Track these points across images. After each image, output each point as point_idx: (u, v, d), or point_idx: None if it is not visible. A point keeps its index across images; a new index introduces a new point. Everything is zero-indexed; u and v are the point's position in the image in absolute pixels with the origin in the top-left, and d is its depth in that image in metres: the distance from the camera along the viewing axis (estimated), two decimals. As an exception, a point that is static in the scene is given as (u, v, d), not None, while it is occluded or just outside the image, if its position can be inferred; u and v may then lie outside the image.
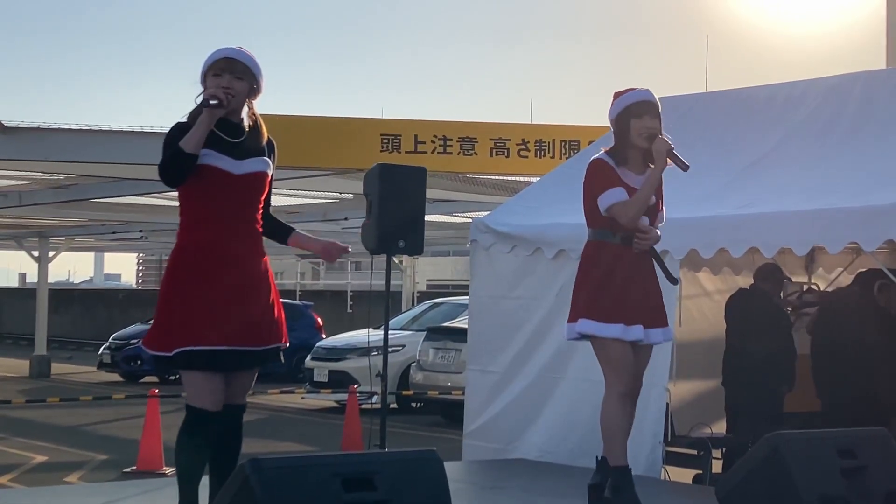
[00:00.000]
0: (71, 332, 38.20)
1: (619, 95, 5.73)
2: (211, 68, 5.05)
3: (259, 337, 5.02)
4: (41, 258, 25.93)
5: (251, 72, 5.09)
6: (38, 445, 12.94)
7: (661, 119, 5.71)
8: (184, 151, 4.87)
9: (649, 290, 5.66)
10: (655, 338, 5.65)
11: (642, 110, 5.63)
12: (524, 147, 15.19)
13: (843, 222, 6.77)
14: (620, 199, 5.53)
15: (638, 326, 5.54)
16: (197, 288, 4.94)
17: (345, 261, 43.55)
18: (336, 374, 17.06)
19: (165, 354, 4.95)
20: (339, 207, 20.43)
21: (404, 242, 8.47)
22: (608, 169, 5.60)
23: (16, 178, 17.49)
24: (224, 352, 4.92)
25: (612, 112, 5.71)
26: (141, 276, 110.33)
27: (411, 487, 4.30)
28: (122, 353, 22.99)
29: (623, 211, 5.52)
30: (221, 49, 5.13)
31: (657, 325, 5.65)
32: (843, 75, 8.37)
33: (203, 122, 4.91)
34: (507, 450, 8.41)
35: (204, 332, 4.90)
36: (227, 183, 4.98)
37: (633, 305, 5.56)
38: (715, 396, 8.63)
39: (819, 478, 5.14)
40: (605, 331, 5.52)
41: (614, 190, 5.54)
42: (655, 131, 5.61)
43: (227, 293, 4.94)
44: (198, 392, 4.97)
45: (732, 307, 8.27)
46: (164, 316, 5.00)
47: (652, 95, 5.73)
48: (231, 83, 5.01)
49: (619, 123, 5.66)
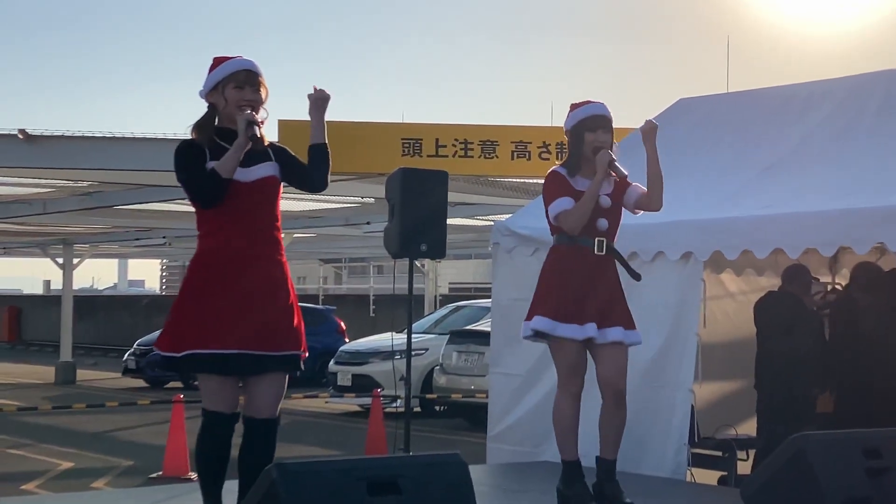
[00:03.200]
0: (95, 339, 38.42)
1: (575, 108, 5.99)
2: (230, 79, 5.07)
3: (274, 342, 5.02)
4: (65, 265, 26.07)
5: (264, 83, 5.14)
6: (64, 452, 13.01)
7: (613, 133, 5.94)
8: (220, 176, 4.93)
9: (609, 291, 5.85)
10: (613, 336, 5.78)
11: (596, 124, 5.90)
12: (545, 149, 15.17)
13: (869, 222, 6.74)
14: (566, 208, 5.82)
15: (591, 325, 5.74)
16: (211, 292, 4.97)
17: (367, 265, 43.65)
18: (360, 377, 17.09)
19: (174, 355, 4.99)
20: (361, 212, 20.45)
21: (426, 246, 8.48)
22: (559, 179, 5.90)
23: (40, 185, 17.58)
24: (235, 355, 4.93)
25: (567, 123, 6.00)
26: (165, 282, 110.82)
27: (436, 491, 4.31)
28: (147, 358, 23.04)
29: (566, 218, 5.82)
30: (237, 59, 5.13)
31: (614, 324, 5.80)
32: (864, 74, 8.34)
33: (240, 146, 4.96)
34: (531, 453, 8.40)
35: (213, 335, 4.92)
36: (238, 191, 5.00)
37: (588, 305, 5.76)
38: (739, 397, 8.61)
39: (844, 479, 5.12)
40: (558, 330, 5.76)
41: (560, 200, 5.84)
42: (605, 145, 5.85)
43: (241, 298, 4.96)
44: (212, 395, 5.01)
45: (761, 310, 8.24)
46: (176, 319, 5.04)
47: (606, 109, 5.96)
48: (254, 97, 5.07)
49: (573, 135, 5.96)
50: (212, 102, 5.13)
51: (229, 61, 5.12)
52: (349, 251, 33.93)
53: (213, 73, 5.12)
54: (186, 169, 5.02)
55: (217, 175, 4.93)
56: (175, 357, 4.99)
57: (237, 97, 5.05)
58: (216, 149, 5.02)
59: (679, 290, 7.68)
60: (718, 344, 8.41)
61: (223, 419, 5.00)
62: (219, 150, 5.01)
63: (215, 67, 5.14)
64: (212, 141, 5.06)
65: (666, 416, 7.64)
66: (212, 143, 5.06)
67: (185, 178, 5.03)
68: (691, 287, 7.65)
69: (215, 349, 4.92)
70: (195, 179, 4.99)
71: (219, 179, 4.93)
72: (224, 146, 5.01)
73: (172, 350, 5.00)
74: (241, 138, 4.96)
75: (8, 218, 20.48)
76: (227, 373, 4.98)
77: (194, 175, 4.99)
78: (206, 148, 5.04)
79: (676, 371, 7.64)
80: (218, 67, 5.12)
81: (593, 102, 5.97)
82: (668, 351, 7.69)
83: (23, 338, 43.33)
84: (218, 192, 4.95)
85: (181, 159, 5.04)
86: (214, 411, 5.01)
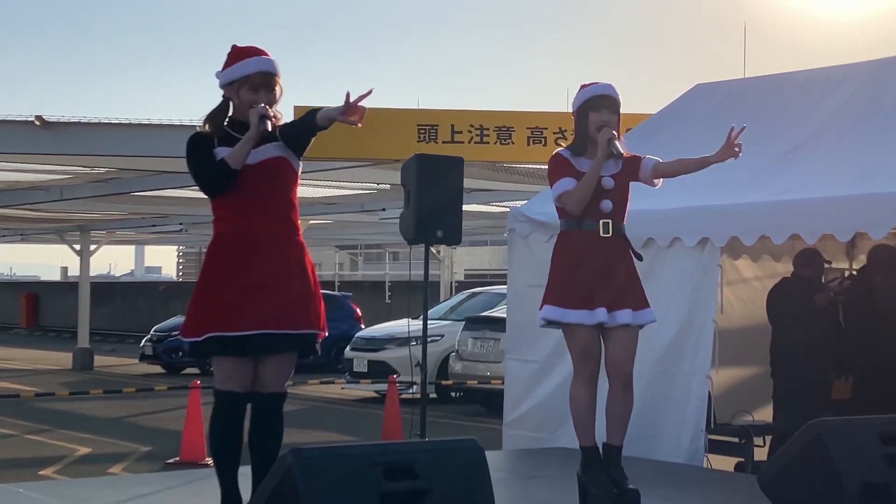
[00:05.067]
0: (112, 325, 38.56)
1: (582, 88, 5.91)
2: (246, 81, 5.09)
3: (291, 321, 5.05)
4: (83, 252, 26.15)
5: (279, 82, 5.16)
6: (81, 437, 13.07)
7: (620, 115, 5.86)
8: (230, 167, 4.99)
9: (618, 273, 5.76)
10: (623, 319, 5.71)
11: (600, 104, 5.81)
12: (561, 135, 15.11)
13: (886, 207, 6.71)
14: (567, 189, 5.74)
15: (601, 310, 5.66)
16: (228, 275, 5.01)
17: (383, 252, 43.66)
18: (375, 364, 17.11)
19: (197, 340, 5.03)
20: (376, 198, 20.46)
21: (442, 232, 8.48)
22: (562, 161, 5.82)
23: (57, 172, 17.64)
24: (255, 336, 4.97)
25: (574, 104, 5.91)
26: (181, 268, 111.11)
27: (452, 476, 4.31)
28: (164, 344, 23.16)
29: (566, 199, 5.74)
30: (254, 60, 5.13)
31: (625, 306, 5.72)
32: (882, 59, 8.28)
33: (251, 139, 5.00)
34: (547, 439, 8.40)
35: (234, 317, 4.96)
36: (246, 173, 5.03)
37: (597, 289, 5.68)
38: (756, 383, 8.58)
39: (862, 465, 5.11)
40: (568, 316, 5.69)
41: (564, 180, 5.76)
42: (610, 125, 5.77)
43: (258, 279, 5.00)
44: (226, 375, 5.05)
45: (775, 297, 8.21)
46: (196, 304, 5.09)
47: (612, 90, 5.87)
48: (268, 99, 5.09)
49: (578, 115, 5.87)
50: (227, 96, 5.19)
51: (248, 61, 5.12)
52: (365, 237, 33.94)
53: (230, 69, 5.14)
54: (195, 159, 5.10)
55: (227, 166, 4.99)
56: (198, 342, 5.03)
57: (251, 99, 5.10)
58: (227, 139, 5.07)
59: (696, 277, 7.66)
60: (735, 330, 8.38)
61: (237, 398, 5.05)
62: (230, 140, 5.07)
63: (234, 59, 5.15)
64: (223, 131, 5.12)
65: (682, 403, 7.63)
66: (223, 133, 5.11)
67: (195, 168, 5.12)
68: (708, 273, 7.62)
69: (234, 332, 4.95)
70: (203, 170, 5.07)
71: (228, 170, 5.00)
72: (235, 136, 5.06)
73: (195, 336, 5.05)
74: (253, 130, 5.01)
75: (25, 204, 20.56)
76: (246, 353, 5.01)
77: (203, 165, 5.07)
78: (217, 138, 5.10)
79: (693, 357, 7.62)
80: (236, 65, 5.13)
81: (600, 83, 5.90)
82: (685, 337, 7.67)
83: (40, 324, 43.52)
84: (226, 182, 5.02)
85: (191, 150, 5.13)
86: (228, 391, 5.04)
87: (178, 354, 22.71)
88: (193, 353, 5.15)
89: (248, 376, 5.07)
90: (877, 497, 5.06)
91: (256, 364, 5.09)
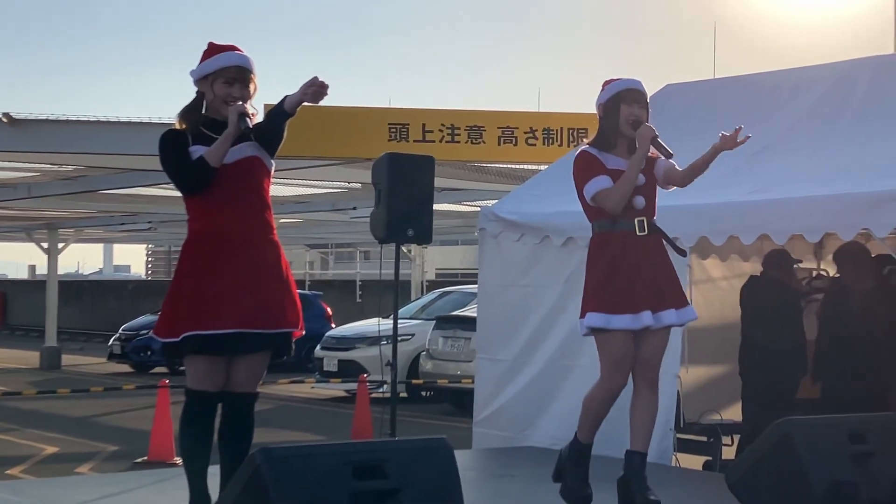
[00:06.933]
0: (81, 324, 38.29)
1: (609, 82, 5.75)
2: (221, 74, 5.07)
3: (268, 320, 5.04)
4: (50, 250, 25.97)
5: (254, 79, 5.14)
6: (48, 437, 12.98)
7: (649, 110, 5.73)
8: (209, 165, 4.96)
9: (658, 272, 5.59)
10: (668, 319, 5.55)
11: (632, 98, 5.66)
12: (532, 135, 15.15)
13: (855, 208, 6.74)
14: (604, 187, 5.53)
15: (646, 313, 5.47)
16: (204, 275, 4.99)
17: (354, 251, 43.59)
18: (346, 363, 17.08)
19: (173, 340, 4.98)
20: (347, 197, 20.42)
21: (413, 231, 8.47)
22: (591, 159, 5.61)
23: (25, 169, 17.50)
24: (232, 335, 4.95)
25: (602, 97, 5.71)
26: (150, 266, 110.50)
27: (421, 475, 4.31)
28: (132, 343, 23.03)
29: (606, 196, 5.52)
30: (228, 54, 5.12)
31: (669, 306, 5.56)
32: (851, 60, 8.34)
33: (230, 136, 4.97)
34: (517, 438, 8.41)
35: (211, 316, 4.93)
36: (221, 172, 5.00)
37: (640, 292, 5.49)
38: (724, 382, 8.63)
39: (829, 464, 5.13)
40: (613, 322, 5.45)
41: (598, 178, 5.55)
42: (642, 119, 5.63)
43: (234, 278, 4.98)
44: (201, 375, 5.01)
45: (746, 296, 8.25)
46: (172, 303, 5.05)
47: (642, 85, 5.75)
48: (243, 94, 5.07)
49: (607, 109, 5.68)
50: (200, 91, 5.15)
51: (223, 55, 5.11)
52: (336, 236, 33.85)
53: (205, 63, 5.12)
54: (171, 157, 5.05)
55: (206, 163, 4.96)
56: (174, 342, 4.99)
57: (224, 93, 5.07)
58: (200, 136, 5.03)
59: (665, 276, 7.66)
60: (703, 329, 8.41)
61: (209, 398, 5.02)
62: (202, 138, 5.02)
63: (210, 55, 5.13)
64: (196, 128, 5.07)
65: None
66: (196, 130, 5.07)
67: (171, 166, 5.06)
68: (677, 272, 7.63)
69: (211, 330, 4.92)
70: (180, 167, 5.02)
71: (207, 168, 4.96)
72: (208, 134, 5.02)
73: (171, 336, 5.01)
74: (232, 128, 4.98)
75: (-8, 202, 20.40)
76: (222, 353, 4.99)
77: (179, 163, 5.02)
78: (190, 135, 5.05)
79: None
80: (211, 58, 5.11)
81: (628, 78, 5.72)
82: (654, 336, 7.68)
83: (8, 322, 43.17)
84: (205, 180, 4.98)
85: (165, 148, 5.07)
86: (201, 390, 5.00)
87: (146, 353, 22.58)
88: (168, 352, 5.09)
89: (222, 376, 5.04)
90: (844, 496, 5.09)
91: (229, 364, 5.07)
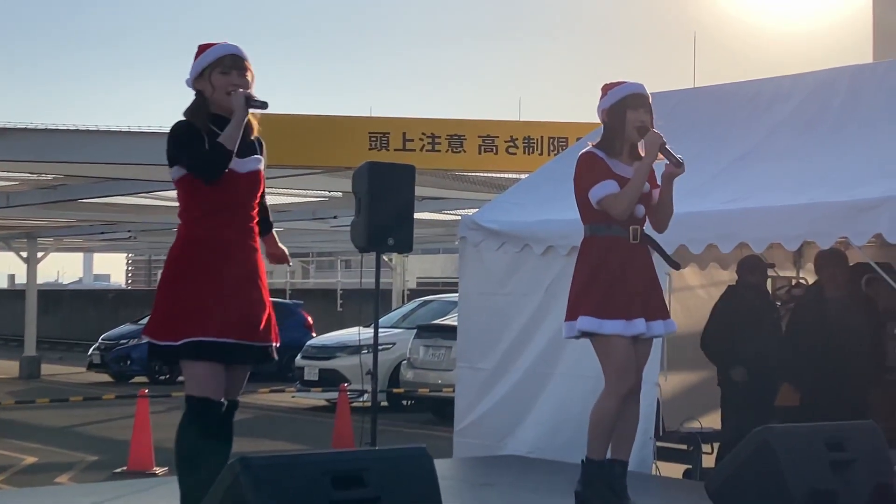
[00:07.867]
0: (60, 333, 38.11)
1: (611, 87, 5.67)
2: (216, 65, 5.04)
3: (258, 333, 5.04)
4: (30, 259, 25.86)
5: (250, 67, 5.12)
6: (28, 447, 12.91)
7: (653, 114, 5.70)
8: (226, 148, 4.91)
9: (648, 281, 5.59)
10: (657, 330, 5.57)
11: (637, 103, 5.60)
12: (512, 144, 15.19)
13: (833, 216, 6.76)
14: (612, 192, 5.47)
15: (640, 320, 5.47)
16: (204, 280, 4.94)
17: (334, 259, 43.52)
18: (326, 372, 17.06)
19: (172, 344, 4.92)
20: (328, 206, 20.41)
21: (394, 240, 8.47)
22: (599, 162, 5.54)
23: (4, 179, 17.44)
24: (230, 344, 4.93)
25: (606, 103, 5.64)
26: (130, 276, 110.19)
27: (401, 484, 4.30)
28: (112, 353, 22.95)
29: (614, 202, 5.47)
30: (223, 45, 5.11)
31: (658, 317, 5.58)
32: (829, 70, 8.38)
33: (241, 122, 4.96)
34: (497, 446, 8.41)
35: (212, 322, 4.90)
36: (233, 180, 5.00)
37: (634, 299, 5.48)
38: (703, 390, 8.65)
39: (808, 471, 5.16)
40: (607, 327, 5.44)
41: (605, 183, 5.49)
42: (648, 125, 5.59)
43: (231, 286, 4.96)
44: (202, 382, 4.92)
45: (723, 304, 8.28)
46: (168, 306, 4.96)
47: (645, 89, 5.71)
48: (241, 81, 5.04)
49: (612, 114, 5.61)
50: (199, 89, 5.10)
51: (215, 47, 5.10)
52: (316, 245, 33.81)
53: (198, 60, 5.09)
54: (189, 145, 4.95)
55: (224, 147, 4.91)
56: (173, 346, 4.91)
57: (224, 82, 5.02)
58: (210, 134, 4.98)
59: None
60: (682, 337, 8.43)
61: (212, 405, 4.94)
62: (212, 136, 4.97)
63: (200, 54, 5.11)
64: (207, 124, 5.02)
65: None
66: (206, 127, 5.02)
67: (189, 154, 4.95)
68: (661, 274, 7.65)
69: (218, 338, 4.89)
70: (200, 154, 4.93)
71: (225, 151, 4.91)
72: (216, 132, 4.98)
73: (170, 339, 4.92)
74: (241, 112, 4.95)
75: (-29, 211, 20.29)
76: (222, 360, 4.94)
77: (198, 150, 4.93)
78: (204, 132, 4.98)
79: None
80: (203, 54, 5.09)
81: (631, 82, 5.67)
82: (634, 345, 7.69)
83: (-13, 332, 42.94)
84: (224, 163, 4.93)
85: (182, 137, 4.98)
86: (204, 398, 4.93)
87: (126, 363, 22.51)
88: (163, 355, 4.98)
89: (222, 383, 4.97)
90: (823, 503, 5.11)
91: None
